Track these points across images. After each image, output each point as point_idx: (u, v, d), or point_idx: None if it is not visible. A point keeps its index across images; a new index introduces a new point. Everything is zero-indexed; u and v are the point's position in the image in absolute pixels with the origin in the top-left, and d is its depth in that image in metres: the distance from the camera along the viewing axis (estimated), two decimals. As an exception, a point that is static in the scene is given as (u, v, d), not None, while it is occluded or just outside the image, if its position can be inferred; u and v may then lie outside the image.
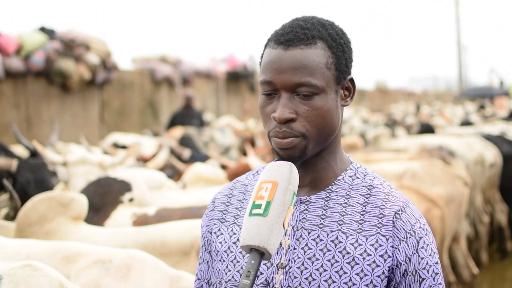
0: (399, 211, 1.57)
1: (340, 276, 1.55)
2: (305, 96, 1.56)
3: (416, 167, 6.02)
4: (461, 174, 6.31)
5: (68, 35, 10.91)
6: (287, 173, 1.50)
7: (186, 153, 7.24)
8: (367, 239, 1.56)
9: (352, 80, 1.64)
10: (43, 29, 10.65)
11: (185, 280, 2.77)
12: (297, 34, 1.57)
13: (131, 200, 3.99)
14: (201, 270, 1.76)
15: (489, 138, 9.08)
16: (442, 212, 5.25)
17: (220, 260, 1.68)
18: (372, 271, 1.54)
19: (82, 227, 3.42)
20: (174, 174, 6.15)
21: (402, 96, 31.31)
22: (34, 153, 5.45)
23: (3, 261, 2.56)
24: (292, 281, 1.57)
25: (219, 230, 1.70)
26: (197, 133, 9.34)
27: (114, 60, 12.02)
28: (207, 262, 1.73)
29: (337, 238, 1.57)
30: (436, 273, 1.58)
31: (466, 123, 13.34)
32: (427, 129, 11.06)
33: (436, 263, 1.58)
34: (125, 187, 4.03)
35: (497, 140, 9.13)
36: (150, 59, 14.22)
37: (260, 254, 1.43)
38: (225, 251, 1.68)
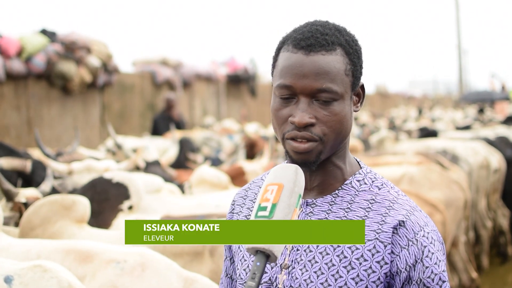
0: (402, 219, 1.57)
1: (336, 280, 1.56)
2: (325, 102, 1.56)
3: (413, 171, 6.01)
4: (459, 179, 6.30)
5: (69, 38, 10.90)
6: (292, 175, 1.50)
7: (199, 158, 7.26)
8: (364, 243, 1.56)
9: (362, 86, 1.66)
10: (44, 32, 10.64)
11: (198, 283, 2.77)
12: (318, 39, 1.57)
13: (130, 207, 3.93)
14: (224, 266, 1.81)
15: (491, 142, 9.07)
16: (443, 216, 5.25)
17: (234, 258, 1.74)
18: (368, 277, 1.55)
19: (86, 230, 3.43)
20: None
21: (402, 100, 31.31)
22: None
23: (13, 261, 2.57)
24: (294, 281, 1.59)
25: None
26: (205, 139, 9.35)
27: (115, 63, 12.02)
28: (230, 259, 1.79)
29: None
30: (443, 281, 1.57)
31: (462, 127, 13.35)
32: (429, 133, 11.05)
33: (443, 271, 1.57)
34: (123, 193, 3.94)
35: (500, 144, 9.13)
36: (151, 62, 14.22)
37: (266, 256, 1.43)
38: (235, 251, 1.73)
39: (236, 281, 1.77)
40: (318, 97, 1.56)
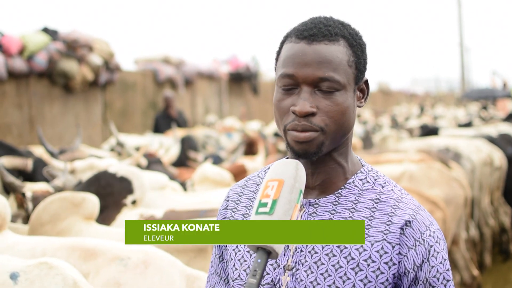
0: (409, 219, 1.55)
1: (344, 282, 1.54)
2: (327, 91, 1.54)
3: (413, 169, 6.02)
4: (459, 177, 6.30)
5: (71, 36, 10.90)
6: (293, 171, 1.48)
7: (200, 157, 7.26)
8: (372, 244, 1.55)
9: (366, 82, 1.64)
10: (46, 30, 10.64)
11: (201, 280, 2.77)
12: (321, 29, 1.57)
13: (134, 202, 3.93)
14: (214, 263, 1.78)
15: (493, 140, 9.07)
16: (444, 214, 5.25)
17: (229, 258, 1.70)
18: (376, 278, 1.53)
19: (94, 227, 3.45)
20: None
21: (404, 97, 31.28)
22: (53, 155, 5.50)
23: (19, 258, 2.58)
24: (299, 283, 1.57)
25: None
26: (205, 137, 9.36)
27: (117, 61, 12.01)
28: (219, 256, 1.75)
29: None
30: (448, 280, 1.56)
31: (464, 124, 13.35)
32: (430, 131, 11.04)
33: (447, 270, 1.57)
34: (126, 187, 3.93)
35: (501, 142, 9.13)
36: (153, 60, 14.21)
37: (267, 253, 1.41)
38: (233, 250, 1.69)
39: (224, 279, 1.74)
40: (320, 86, 1.54)
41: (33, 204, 3.87)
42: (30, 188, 4.05)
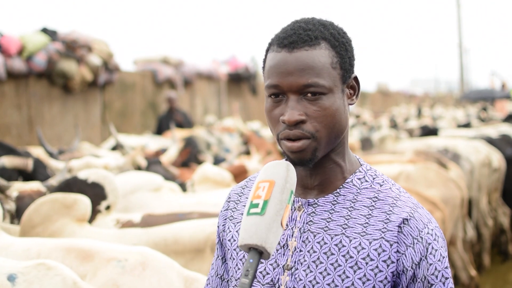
0: (406, 217, 1.56)
1: (343, 280, 1.55)
2: (313, 97, 1.55)
3: (410, 169, 6.03)
4: (456, 177, 6.31)
5: (70, 36, 10.90)
6: (284, 172, 1.50)
7: (209, 157, 7.26)
8: (370, 243, 1.55)
9: (356, 79, 1.64)
10: (45, 30, 10.64)
11: (199, 282, 2.76)
12: (300, 35, 1.57)
13: (108, 208, 3.80)
14: (215, 265, 1.78)
15: (492, 140, 9.07)
16: (443, 214, 5.26)
17: (230, 258, 1.71)
18: (375, 276, 1.54)
19: (87, 228, 3.41)
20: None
21: (403, 98, 31.29)
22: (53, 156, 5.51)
23: (14, 260, 2.57)
24: (297, 283, 1.58)
25: (228, 228, 1.73)
26: (207, 136, 9.37)
27: (116, 62, 12.01)
28: (222, 258, 1.76)
29: (340, 242, 1.57)
30: (446, 278, 1.56)
31: (463, 125, 13.35)
32: (430, 131, 11.04)
33: (446, 267, 1.57)
34: (99, 194, 3.77)
35: (501, 143, 9.13)
36: (152, 60, 14.22)
37: (259, 253, 1.42)
38: (234, 249, 1.70)
39: (227, 281, 1.75)
40: (305, 92, 1.55)
41: (18, 203, 3.82)
42: (18, 188, 4.01)
